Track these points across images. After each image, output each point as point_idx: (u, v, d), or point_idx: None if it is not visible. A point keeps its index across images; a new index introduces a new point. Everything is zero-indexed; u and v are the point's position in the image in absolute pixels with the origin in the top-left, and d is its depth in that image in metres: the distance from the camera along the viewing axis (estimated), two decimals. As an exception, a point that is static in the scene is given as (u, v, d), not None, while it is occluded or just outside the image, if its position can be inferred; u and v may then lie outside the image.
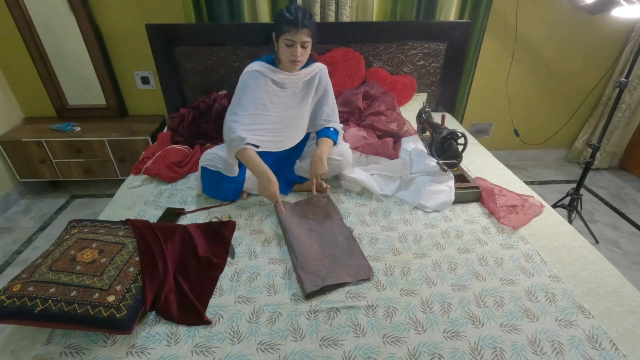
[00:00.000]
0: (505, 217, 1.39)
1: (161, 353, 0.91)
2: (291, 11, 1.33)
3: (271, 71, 1.45)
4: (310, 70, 1.52)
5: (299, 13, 1.32)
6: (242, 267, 1.18)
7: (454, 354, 0.91)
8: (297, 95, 1.53)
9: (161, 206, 1.48)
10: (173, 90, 2.22)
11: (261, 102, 1.45)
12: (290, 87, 1.50)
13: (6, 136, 2.26)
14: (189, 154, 1.80)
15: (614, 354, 0.91)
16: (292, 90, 1.51)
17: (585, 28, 2.38)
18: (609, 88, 2.59)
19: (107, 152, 2.29)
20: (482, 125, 2.77)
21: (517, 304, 1.05)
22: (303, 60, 1.42)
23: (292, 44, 1.35)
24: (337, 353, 0.91)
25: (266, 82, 1.45)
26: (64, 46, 2.23)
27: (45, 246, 2.01)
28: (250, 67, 1.45)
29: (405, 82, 2.21)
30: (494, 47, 2.41)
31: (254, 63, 1.47)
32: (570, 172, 2.82)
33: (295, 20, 1.31)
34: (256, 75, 1.43)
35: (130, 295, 0.95)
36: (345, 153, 1.55)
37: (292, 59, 1.38)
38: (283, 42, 1.36)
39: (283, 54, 1.39)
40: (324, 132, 1.55)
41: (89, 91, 2.37)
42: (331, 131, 1.55)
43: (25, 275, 0.97)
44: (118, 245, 1.07)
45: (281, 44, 1.37)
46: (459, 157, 1.56)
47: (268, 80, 1.45)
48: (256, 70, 1.43)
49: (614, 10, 1.83)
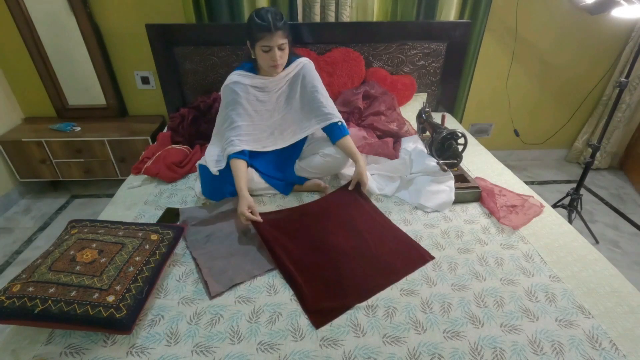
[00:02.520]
0: (505, 217, 1.39)
1: (161, 353, 0.91)
2: (261, 16, 1.30)
3: (251, 78, 1.44)
4: (292, 69, 1.50)
5: (269, 16, 1.29)
6: (242, 267, 1.18)
7: (454, 354, 0.91)
8: (281, 97, 1.51)
9: (161, 206, 1.48)
10: (173, 90, 2.22)
11: (246, 113, 1.45)
12: (272, 90, 1.48)
13: (6, 136, 2.26)
14: (189, 154, 1.80)
15: (614, 354, 0.91)
16: (275, 93, 1.49)
17: (585, 28, 2.38)
18: (609, 88, 2.59)
19: (107, 152, 2.29)
20: (482, 125, 2.77)
21: (517, 304, 1.05)
22: (283, 62, 1.41)
23: (269, 49, 1.33)
24: (337, 353, 0.91)
25: (246, 91, 1.44)
26: (64, 46, 2.23)
27: (45, 246, 2.01)
28: (229, 79, 1.45)
29: (405, 82, 2.21)
30: (494, 47, 2.41)
31: (233, 74, 1.46)
32: (570, 172, 2.82)
33: (268, 24, 1.28)
34: (235, 89, 1.42)
35: (130, 295, 0.95)
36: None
37: (272, 63, 1.37)
38: (260, 49, 1.35)
39: (262, 60, 1.38)
40: (335, 131, 1.52)
41: (89, 91, 2.37)
42: (340, 126, 1.52)
43: (25, 276, 0.97)
44: (118, 245, 1.07)
45: (258, 51, 1.36)
46: (459, 157, 1.56)
47: (249, 88, 1.44)
48: (235, 81, 1.43)
49: (614, 10, 1.83)
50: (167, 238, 1.16)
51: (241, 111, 1.44)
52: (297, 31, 2.08)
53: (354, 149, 1.51)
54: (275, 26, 1.29)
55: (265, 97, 1.48)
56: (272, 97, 1.49)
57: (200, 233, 1.31)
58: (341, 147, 1.52)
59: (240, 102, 1.43)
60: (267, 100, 1.49)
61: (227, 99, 1.45)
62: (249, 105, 1.45)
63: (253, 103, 1.46)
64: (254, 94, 1.46)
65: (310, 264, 1.18)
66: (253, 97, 1.46)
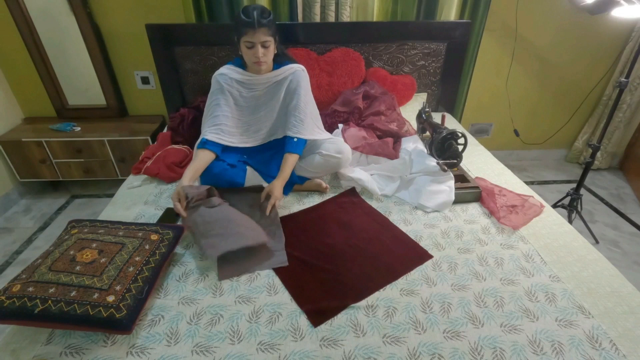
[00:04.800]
0: (505, 217, 1.39)
1: (161, 353, 0.91)
2: (248, 12, 1.31)
3: (238, 73, 1.48)
4: (282, 72, 1.50)
5: (254, 13, 1.30)
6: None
7: (454, 354, 0.91)
8: (263, 97, 1.53)
9: (161, 206, 1.48)
10: (173, 90, 2.22)
11: (227, 105, 1.48)
12: (257, 88, 1.50)
13: (6, 136, 2.26)
14: (189, 154, 1.79)
15: (614, 354, 0.91)
16: (259, 91, 1.51)
17: (585, 28, 2.38)
18: (609, 88, 2.59)
19: (107, 152, 2.29)
20: (482, 125, 2.77)
21: (517, 304, 1.05)
22: (267, 60, 1.41)
23: (252, 45, 1.35)
24: (337, 353, 0.91)
25: (230, 84, 1.47)
26: (64, 46, 2.23)
27: (45, 246, 2.01)
28: (218, 71, 1.49)
29: (405, 82, 2.21)
30: (493, 47, 2.41)
31: (222, 67, 1.50)
32: (570, 172, 2.82)
33: (252, 21, 1.29)
34: (220, 80, 1.47)
35: (130, 295, 0.95)
36: (343, 150, 1.55)
37: (255, 60, 1.39)
38: (243, 45, 1.37)
39: (246, 56, 1.40)
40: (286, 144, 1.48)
41: (89, 91, 2.37)
42: (296, 142, 1.47)
43: (25, 276, 0.97)
44: (118, 245, 1.07)
45: (242, 47, 1.38)
46: (459, 157, 1.56)
47: (233, 82, 1.47)
48: (221, 73, 1.47)
49: (614, 10, 1.83)
50: (167, 238, 1.16)
51: (222, 102, 1.47)
52: (297, 31, 2.08)
53: (285, 167, 1.45)
54: (260, 22, 1.30)
55: (247, 93, 1.50)
56: (254, 95, 1.51)
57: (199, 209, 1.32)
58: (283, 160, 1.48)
59: (222, 93, 1.47)
60: (249, 97, 1.51)
61: (212, 89, 1.50)
62: (230, 98, 1.48)
63: (235, 97, 1.49)
64: (237, 89, 1.49)
65: (310, 264, 1.19)
66: (236, 91, 1.49)
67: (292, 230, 1.35)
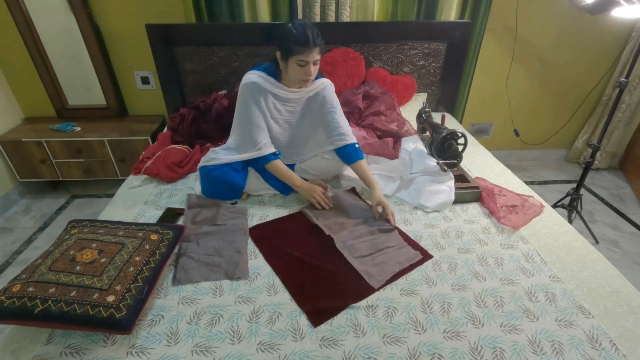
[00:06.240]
0: (505, 217, 1.39)
1: (161, 353, 0.91)
2: (300, 30, 1.27)
3: (273, 85, 1.41)
4: (314, 87, 1.48)
5: (308, 32, 1.26)
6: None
7: (454, 354, 0.91)
8: (297, 112, 1.50)
9: (161, 206, 1.48)
10: (173, 90, 2.22)
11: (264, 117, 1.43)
12: (291, 103, 1.47)
13: (6, 136, 2.26)
14: (189, 154, 1.80)
15: (614, 354, 0.91)
16: (292, 106, 1.48)
17: (585, 28, 2.38)
18: (609, 88, 2.59)
19: (107, 152, 2.29)
20: (482, 125, 2.77)
21: (517, 304, 1.05)
22: (314, 77, 1.40)
23: (305, 64, 1.31)
24: (337, 353, 0.91)
25: (266, 96, 1.41)
26: (63, 46, 2.23)
27: (45, 246, 2.01)
28: (249, 79, 1.39)
29: (405, 82, 2.21)
30: (494, 47, 2.41)
31: (252, 73, 1.41)
32: (570, 172, 2.82)
33: (307, 41, 1.26)
34: (255, 90, 1.39)
35: (130, 295, 0.95)
36: None
37: (305, 78, 1.35)
38: (295, 63, 1.31)
39: (295, 74, 1.35)
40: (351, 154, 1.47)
41: (89, 91, 2.37)
42: (357, 149, 1.48)
43: (25, 276, 0.97)
44: (118, 245, 1.07)
45: (292, 64, 1.32)
46: (459, 157, 1.56)
47: (268, 94, 1.41)
48: (254, 82, 1.39)
49: (614, 10, 1.83)
50: (167, 238, 1.16)
51: (260, 114, 1.42)
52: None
53: (368, 173, 1.45)
54: (315, 43, 1.28)
55: (281, 107, 1.46)
56: (288, 109, 1.48)
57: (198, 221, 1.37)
58: (355, 170, 1.49)
59: (259, 105, 1.41)
60: (283, 110, 1.47)
61: (246, 98, 1.41)
62: (266, 110, 1.43)
63: (271, 110, 1.44)
64: (272, 102, 1.43)
65: (310, 264, 1.19)
66: (271, 104, 1.43)
67: (292, 230, 1.35)
